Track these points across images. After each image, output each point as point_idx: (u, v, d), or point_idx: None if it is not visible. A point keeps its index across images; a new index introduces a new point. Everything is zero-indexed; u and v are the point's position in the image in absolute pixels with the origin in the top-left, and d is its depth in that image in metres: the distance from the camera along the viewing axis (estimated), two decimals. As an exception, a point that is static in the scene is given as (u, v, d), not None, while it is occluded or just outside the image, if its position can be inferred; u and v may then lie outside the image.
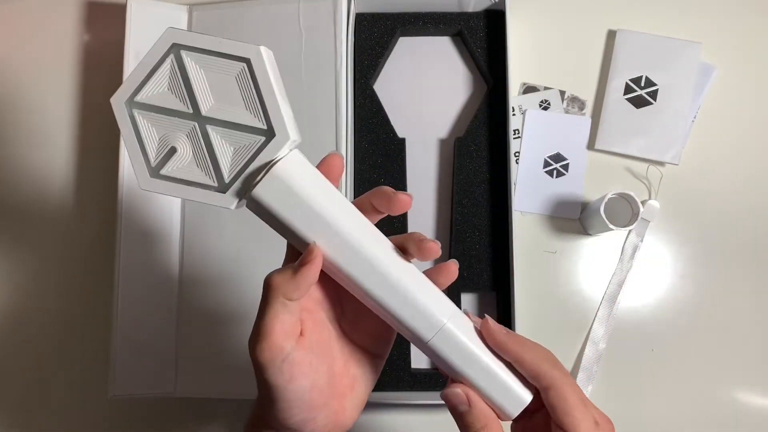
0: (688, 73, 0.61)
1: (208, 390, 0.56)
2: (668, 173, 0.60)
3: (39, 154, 0.64)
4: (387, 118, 0.60)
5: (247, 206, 0.33)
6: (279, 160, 0.32)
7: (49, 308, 0.62)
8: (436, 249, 0.35)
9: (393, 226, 0.58)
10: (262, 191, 0.32)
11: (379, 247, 0.34)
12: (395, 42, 0.63)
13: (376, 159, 0.60)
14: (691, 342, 0.59)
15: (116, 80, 0.58)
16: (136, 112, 0.32)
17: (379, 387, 0.56)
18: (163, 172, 0.32)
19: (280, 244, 0.35)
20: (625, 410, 0.58)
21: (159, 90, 0.32)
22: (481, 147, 0.59)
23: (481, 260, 0.58)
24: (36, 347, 0.61)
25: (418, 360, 0.58)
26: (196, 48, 0.32)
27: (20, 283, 0.62)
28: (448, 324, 0.33)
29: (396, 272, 0.33)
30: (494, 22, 0.61)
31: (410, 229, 0.59)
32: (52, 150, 0.64)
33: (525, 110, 0.62)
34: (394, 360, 0.57)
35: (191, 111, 0.32)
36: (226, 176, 0.32)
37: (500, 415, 0.34)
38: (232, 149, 0.32)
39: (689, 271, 0.60)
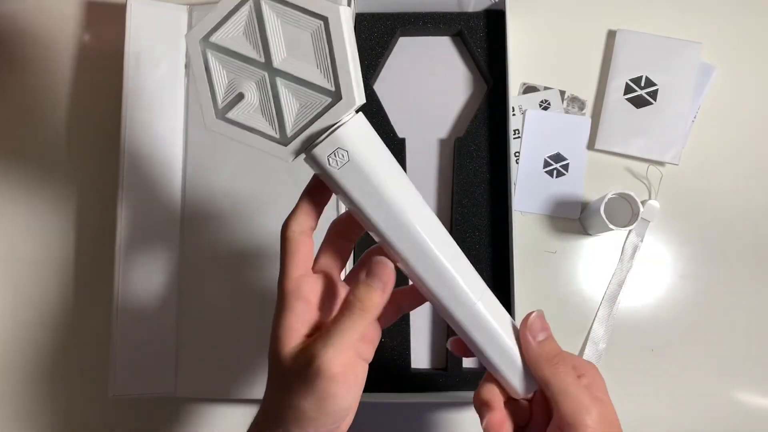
0: (688, 73, 0.61)
1: (208, 390, 0.56)
2: (668, 173, 0.60)
3: (39, 154, 0.64)
4: (387, 118, 0.60)
5: (305, 160, 0.33)
6: (343, 123, 0.32)
7: (49, 308, 0.62)
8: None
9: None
10: (321, 152, 0.32)
11: (437, 224, 0.35)
12: (395, 42, 0.62)
13: (376, 159, 0.60)
14: (691, 342, 0.59)
15: (116, 80, 0.58)
16: (209, 52, 0.32)
17: (379, 387, 0.56)
18: (229, 116, 0.32)
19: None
20: (625, 410, 0.58)
21: (234, 34, 0.32)
22: (481, 147, 0.59)
23: (481, 260, 0.58)
24: (36, 347, 0.61)
25: (418, 360, 0.58)
26: None
27: (20, 283, 0.62)
28: (488, 291, 0.35)
29: (453, 246, 0.35)
30: (494, 22, 0.61)
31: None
32: (52, 150, 0.64)
33: (525, 110, 0.62)
34: (394, 360, 0.57)
35: (263, 60, 0.32)
36: (289, 130, 0.32)
37: (515, 388, 0.36)
38: (298, 105, 0.32)
39: (689, 271, 0.60)
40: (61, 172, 0.63)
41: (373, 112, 0.60)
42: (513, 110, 0.62)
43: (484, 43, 0.61)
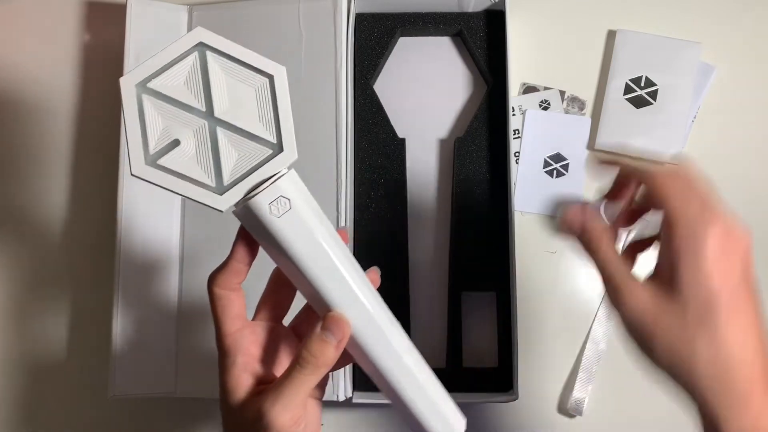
0: (688, 73, 0.61)
1: (208, 390, 0.56)
2: (668, 173, 0.60)
3: (38, 154, 0.64)
4: (387, 118, 0.60)
5: (235, 213, 0.34)
6: (283, 174, 0.33)
7: (49, 309, 0.61)
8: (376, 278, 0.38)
9: (392, 227, 0.58)
10: (262, 200, 0.32)
11: (364, 277, 0.35)
12: (395, 42, 0.62)
13: (376, 159, 0.60)
14: (691, 342, 0.59)
15: (116, 80, 0.58)
16: (145, 98, 0.32)
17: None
18: (161, 162, 0.32)
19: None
20: (625, 410, 0.58)
21: (175, 82, 0.32)
22: (481, 147, 0.59)
23: (481, 260, 0.58)
24: (36, 347, 0.61)
25: (418, 360, 0.58)
26: (222, 52, 0.32)
27: (20, 283, 0.62)
28: (412, 345, 0.37)
29: (380, 298, 0.36)
30: (494, 22, 0.61)
31: (410, 229, 0.59)
32: (52, 149, 0.64)
33: (525, 110, 0.62)
34: (394, 360, 0.57)
35: (204, 110, 0.32)
36: (226, 179, 0.33)
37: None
38: (237, 155, 0.33)
39: (689, 271, 0.60)
40: (60, 171, 0.63)
41: (373, 112, 0.60)
42: (513, 110, 0.62)
43: (484, 43, 0.61)
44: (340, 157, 0.57)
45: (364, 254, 0.58)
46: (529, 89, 0.63)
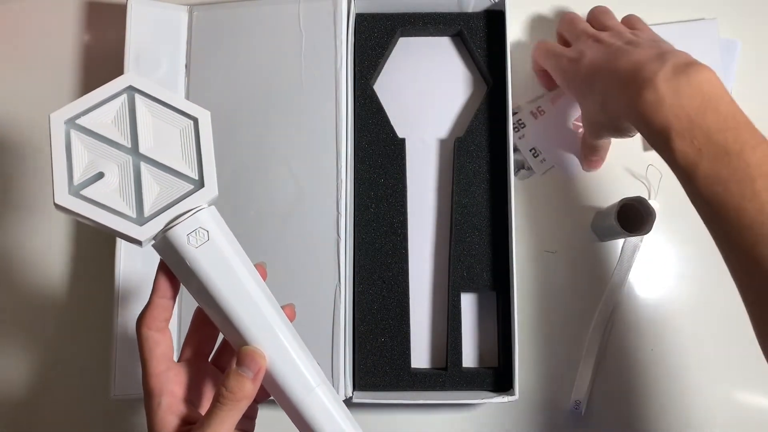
0: (713, 52, 0.59)
1: (209, 390, 0.56)
2: (668, 173, 0.60)
3: (38, 154, 0.64)
4: (387, 118, 0.60)
5: (155, 246, 0.35)
6: (203, 208, 0.35)
7: (49, 309, 0.62)
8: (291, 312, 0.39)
9: (392, 227, 0.58)
10: (181, 231, 0.34)
11: (278, 312, 0.36)
12: (395, 42, 0.62)
13: (376, 159, 0.60)
14: (690, 342, 0.59)
15: (116, 80, 0.58)
16: (73, 132, 0.34)
17: (379, 387, 0.56)
18: (84, 193, 0.34)
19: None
20: (624, 410, 0.58)
21: (103, 120, 0.34)
22: (481, 147, 0.59)
23: (481, 260, 0.58)
24: (37, 348, 0.61)
25: (418, 360, 0.58)
26: (150, 96, 0.35)
27: (20, 283, 0.62)
28: (326, 380, 0.37)
29: (295, 333, 0.37)
30: (494, 22, 0.61)
31: (410, 228, 0.59)
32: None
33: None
34: (394, 360, 0.57)
35: (129, 146, 0.35)
36: (147, 211, 0.34)
37: None
38: (159, 189, 0.35)
39: (689, 271, 0.60)
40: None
41: (373, 112, 0.60)
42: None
43: (484, 43, 0.61)
44: (340, 157, 0.57)
45: (364, 254, 0.58)
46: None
